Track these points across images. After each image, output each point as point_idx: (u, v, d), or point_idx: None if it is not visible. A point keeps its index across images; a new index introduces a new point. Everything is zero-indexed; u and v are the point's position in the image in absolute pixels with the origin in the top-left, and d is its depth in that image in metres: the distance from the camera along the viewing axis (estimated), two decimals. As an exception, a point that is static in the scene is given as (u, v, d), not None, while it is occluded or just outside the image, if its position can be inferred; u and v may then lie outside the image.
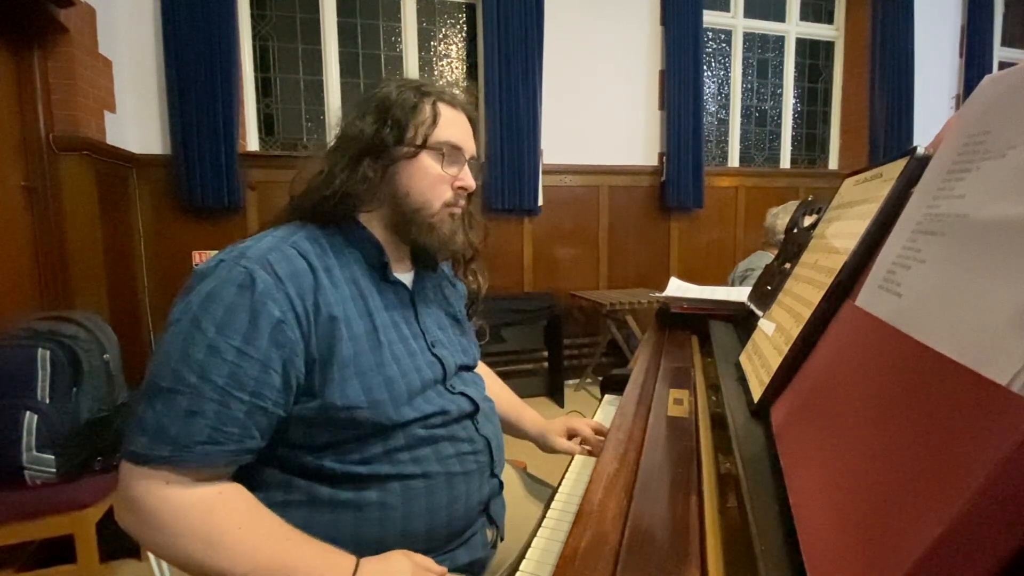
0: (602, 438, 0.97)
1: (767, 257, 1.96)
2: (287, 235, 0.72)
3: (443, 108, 0.78)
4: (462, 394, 0.80)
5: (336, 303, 0.69)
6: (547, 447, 1.03)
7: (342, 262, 0.74)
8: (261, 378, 0.62)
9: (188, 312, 0.62)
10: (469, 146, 0.80)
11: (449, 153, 0.77)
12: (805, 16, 4.16)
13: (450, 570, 0.73)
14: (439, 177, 0.77)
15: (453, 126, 0.78)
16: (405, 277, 0.82)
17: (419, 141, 0.75)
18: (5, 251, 2.07)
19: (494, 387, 1.05)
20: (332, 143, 0.79)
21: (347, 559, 0.63)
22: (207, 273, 0.65)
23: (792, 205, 2.05)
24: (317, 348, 0.66)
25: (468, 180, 0.79)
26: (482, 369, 1.05)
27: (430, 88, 0.78)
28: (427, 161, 0.76)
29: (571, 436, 1.04)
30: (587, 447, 0.99)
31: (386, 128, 0.74)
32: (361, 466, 0.70)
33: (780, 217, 2.10)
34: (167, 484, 0.60)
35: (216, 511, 0.61)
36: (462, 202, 0.81)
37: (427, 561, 0.68)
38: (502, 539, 0.86)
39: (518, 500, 0.98)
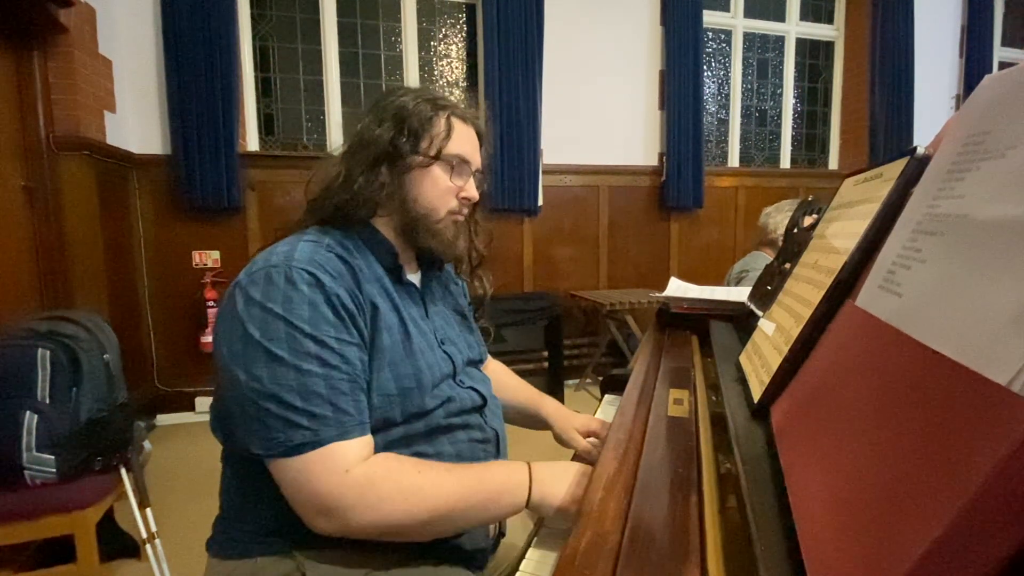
0: None
1: (762, 257, 1.95)
2: (318, 239, 0.75)
3: (456, 122, 0.82)
4: (471, 388, 0.85)
5: (374, 296, 0.74)
6: (563, 439, 1.02)
7: (367, 263, 0.78)
8: (361, 357, 0.70)
9: (275, 319, 0.65)
10: (476, 159, 0.85)
11: (458, 165, 0.82)
12: (805, 16, 4.16)
13: (452, 560, 0.76)
14: (447, 188, 0.82)
15: (464, 140, 0.83)
16: (413, 277, 0.86)
17: (433, 152, 0.79)
18: (5, 251, 2.08)
19: (511, 381, 1.08)
20: (346, 146, 0.82)
21: (519, 463, 0.73)
22: (260, 280, 0.67)
23: (784, 204, 2.03)
24: (369, 336, 0.73)
25: (472, 192, 0.84)
26: (496, 365, 1.08)
27: (445, 102, 0.83)
28: (438, 172, 0.81)
29: (588, 436, 1.03)
30: (595, 452, 0.98)
31: (402, 137, 0.78)
32: (382, 450, 0.73)
33: (772, 216, 2.08)
34: (346, 472, 0.64)
35: (392, 468, 0.68)
36: (466, 210, 0.85)
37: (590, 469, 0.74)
38: (503, 535, 0.89)
39: None
